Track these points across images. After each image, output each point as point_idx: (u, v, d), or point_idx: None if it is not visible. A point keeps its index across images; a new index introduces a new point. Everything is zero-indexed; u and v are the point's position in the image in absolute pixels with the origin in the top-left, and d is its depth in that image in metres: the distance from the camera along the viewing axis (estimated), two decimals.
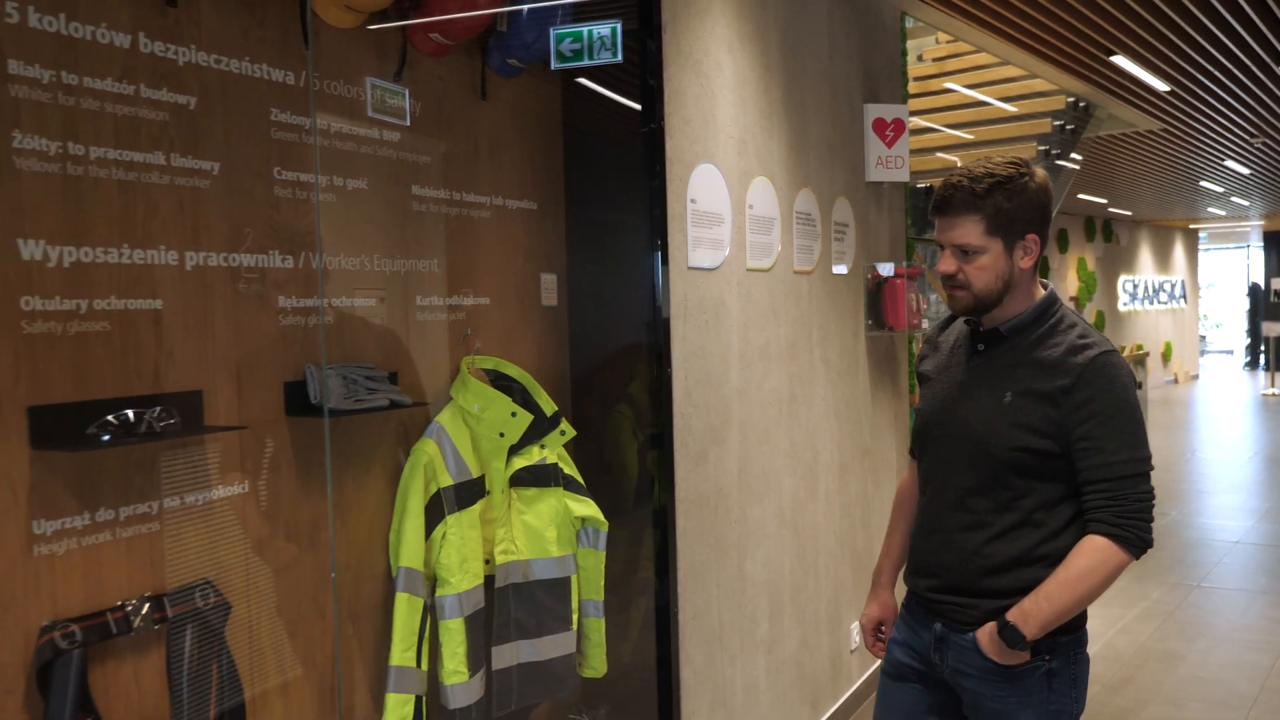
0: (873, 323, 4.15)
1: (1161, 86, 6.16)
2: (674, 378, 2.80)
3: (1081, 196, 12.73)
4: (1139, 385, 2.06)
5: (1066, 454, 1.86)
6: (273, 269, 2.03)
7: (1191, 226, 20.02)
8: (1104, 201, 13.81)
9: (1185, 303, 20.33)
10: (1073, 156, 6.97)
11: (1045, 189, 1.90)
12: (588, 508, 2.62)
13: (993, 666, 1.90)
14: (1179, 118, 7.34)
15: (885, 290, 4.15)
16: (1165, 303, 19.14)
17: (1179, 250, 20.18)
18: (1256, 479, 8.94)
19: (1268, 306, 19.85)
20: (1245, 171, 10.59)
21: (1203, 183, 11.68)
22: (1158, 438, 2.25)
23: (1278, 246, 20.93)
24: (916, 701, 2.07)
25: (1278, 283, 18.90)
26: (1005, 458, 1.87)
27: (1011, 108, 6.78)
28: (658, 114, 2.71)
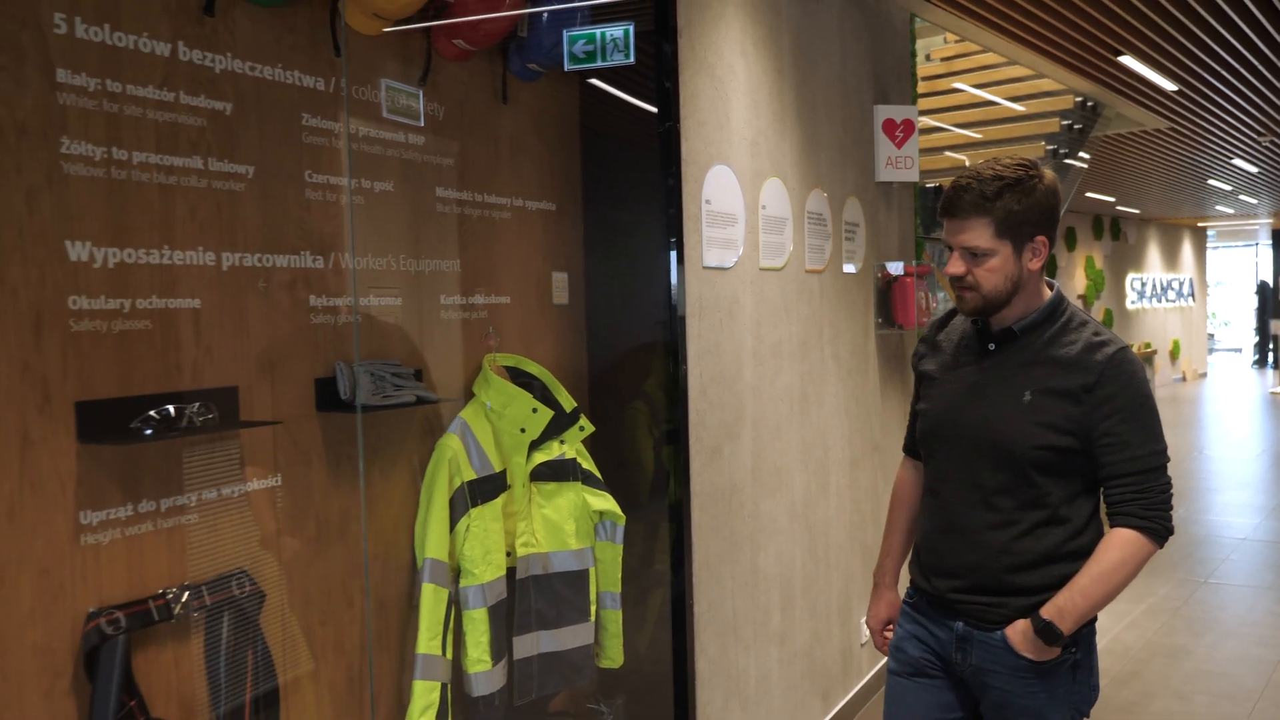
0: (882, 321, 4.21)
1: (1169, 86, 6.19)
2: (689, 375, 2.86)
3: (1089, 195, 12.74)
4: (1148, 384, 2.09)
5: (1087, 450, 1.88)
6: (304, 269, 2.10)
7: (1200, 224, 19.99)
8: (1112, 200, 13.82)
9: (1193, 301, 20.30)
10: (1081, 156, 7.00)
11: (1054, 191, 1.91)
12: (605, 502, 2.69)
13: (1024, 664, 1.90)
14: (1187, 117, 7.37)
15: (895, 289, 4.21)
16: (1173, 301, 19.11)
17: (1187, 248, 20.15)
18: (1264, 476, 8.96)
19: (1276, 304, 19.85)
20: (1253, 170, 10.59)
21: (1211, 181, 11.68)
22: (1166, 435, 2.29)
23: None
24: (937, 697, 2.05)
25: None
26: (1030, 456, 1.88)
27: (1020, 107, 6.81)
28: (674, 116, 2.77)
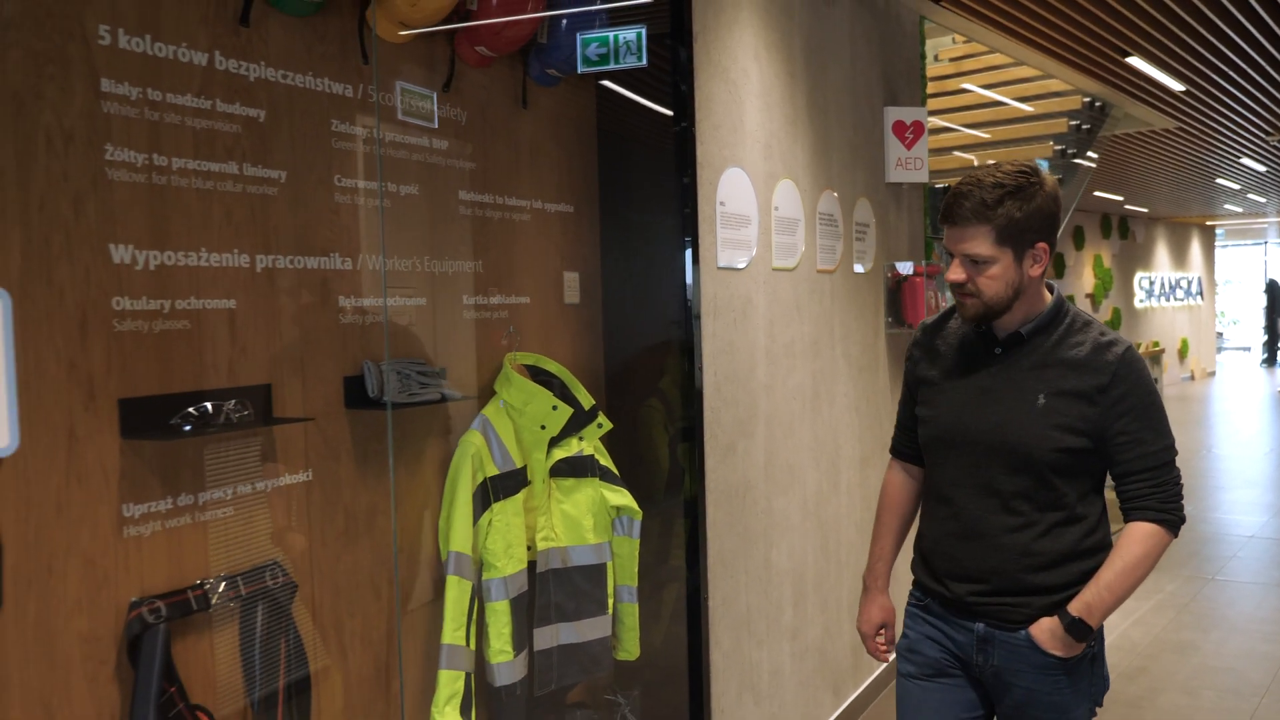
0: (892, 320, 4.26)
1: (1177, 86, 6.23)
2: (704, 373, 2.92)
3: (1097, 194, 12.76)
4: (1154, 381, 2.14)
5: (1099, 449, 1.92)
6: (333, 270, 2.16)
7: (1208, 223, 19.98)
8: (1120, 199, 13.83)
9: (1202, 299, 20.29)
10: (1089, 155, 7.04)
11: (1055, 197, 1.92)
12: (623, 497, 2.75)
13: (1051, 661, 1.92)
14: (1194, 117, 7.40)
15: (905, 288, 4.27)
16: (1182, 299, 19.11)
17: (1195, 247, 20.14)
18: (1272, 475, 8.99)
19: None
20: (1261, 169, 10.61)
21: (1219, 180, 11.70)
22: (1175, 434, 2.33)
23: None
24: (960, 697, 2.06)
25: None
26: (1048, 459, 1.90)
27: (1028, 108, 6.85)
28: (689, 119, 2.83)
